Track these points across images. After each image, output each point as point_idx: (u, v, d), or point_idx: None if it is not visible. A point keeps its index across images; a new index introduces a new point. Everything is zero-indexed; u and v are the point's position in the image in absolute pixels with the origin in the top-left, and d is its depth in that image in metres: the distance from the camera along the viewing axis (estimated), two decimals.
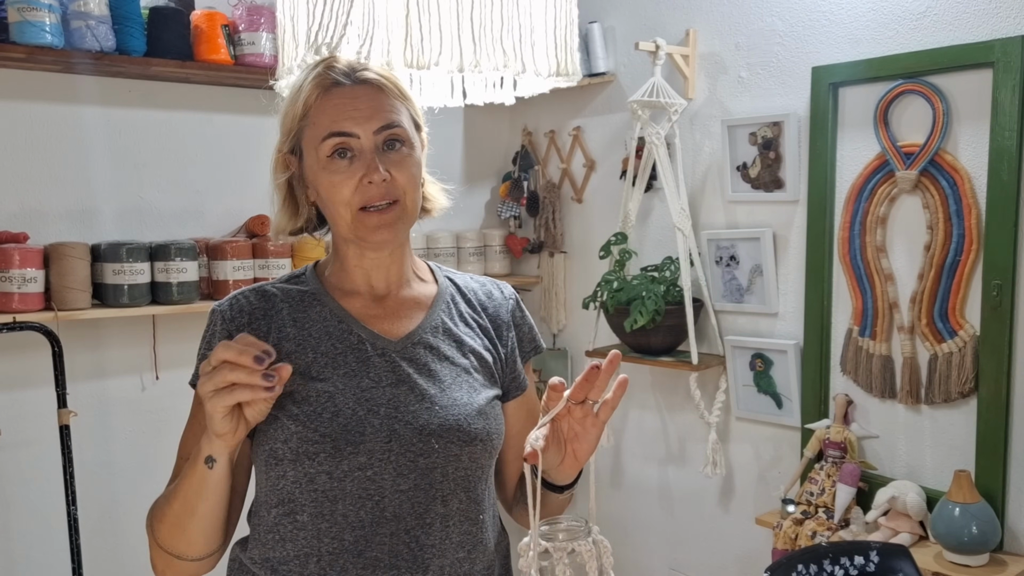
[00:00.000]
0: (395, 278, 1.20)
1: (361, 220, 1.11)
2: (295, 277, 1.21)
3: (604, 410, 1.03)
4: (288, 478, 1.08)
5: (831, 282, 2.28)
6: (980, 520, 1.89)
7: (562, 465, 1.05)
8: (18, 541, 2.28)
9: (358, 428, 1.08)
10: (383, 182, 1.09)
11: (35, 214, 2.27)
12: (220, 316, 1.15)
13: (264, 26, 2.37)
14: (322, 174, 1.11)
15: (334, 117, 1.10)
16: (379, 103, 1.11)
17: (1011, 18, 1.93)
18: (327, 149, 1.10)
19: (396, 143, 1.12)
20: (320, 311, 1.16)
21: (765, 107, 2.38)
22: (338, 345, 1.13)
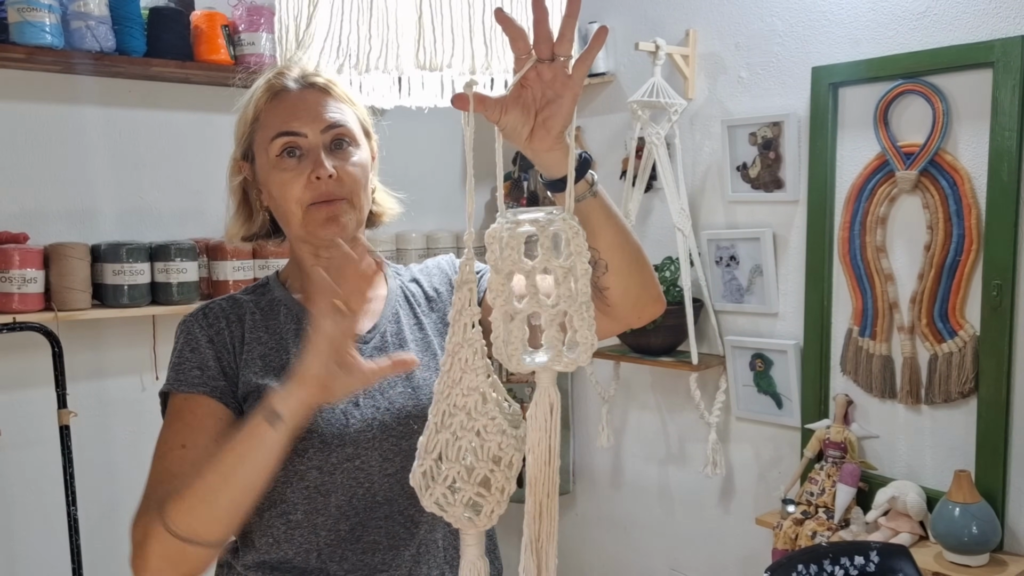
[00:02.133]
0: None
1: (310, 214, 1.13)
2: (260, 286, 1.25)
3: (578, 67, 0.91)
4: (278, 479, 1.09)
5: (831, 282, 2.28)
6: (980, 520, 1.89)
7: (532, 140, 0.95)
8: (18, 541, 2.28)
9: (342, 420, 1.12)
10: (330, 178, 1.12)
11: (35, 214, 2.27)
12: (195, 324, 1.17)
13: (264, 26, 2.37)
14: (272, 173, 1.14)
15: (283, 118, 1.14)
16: (326, 104, 1.15)
17: (1011, 18, 1.93)
18: (276, 148, 1.14)
19: (343, 142, 1.15)
20: (287, 315, 1.19)
21: (765, 107, 2.38)
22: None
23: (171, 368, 1.16)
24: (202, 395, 1.12)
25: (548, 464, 0.90)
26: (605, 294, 1.07)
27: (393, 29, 1.14)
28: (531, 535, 0.90)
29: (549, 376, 0.90)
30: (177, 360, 1.16)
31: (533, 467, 0.90)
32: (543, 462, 0.90)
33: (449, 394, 0.90)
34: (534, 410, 0.89)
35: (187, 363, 1.14)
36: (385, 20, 1.15)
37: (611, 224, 1.03)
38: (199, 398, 1.12)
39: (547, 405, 0.90)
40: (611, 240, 1.03)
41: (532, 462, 0.90)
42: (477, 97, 0.88)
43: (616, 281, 1.05)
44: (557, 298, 0.86)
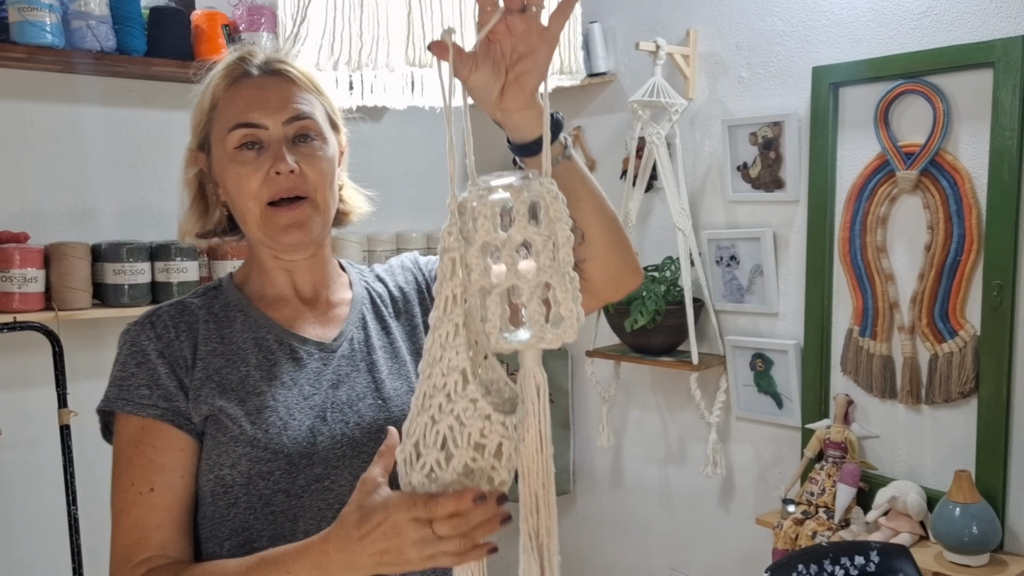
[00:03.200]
0: (320, 278, 1.14)
1: (269, 217, 1.04)
2: (212, 289, 1.13)
3: (554, 20, 0.84)
4: (240, 504, 1.01)
5: (831, 282, 2.28)
6: (980, 520, 1.89)
7: (504, 98, 0.87)
8: (18, 541, 2.28)
9: (309, 438, 1.02)
10: (291, 174, 1.03)
11: (35, 214, 2.27)
12: (142, 333, 1.05)
13: (265, 26, 2.37)
14: (229, 167, 1.05)
15: (242, 107, 1.04)
16: (290, 94, 1.06)
17: (1011, 18, 1.93)
18: (234, 140, 1.04)
19: (308, 136, 1.06)
20: (244, 322, 1.09)
21: (765, 107, 2.38)
22: (270, 356, 1.06)
23: (113, 383, 1.04)
24: (160, 422, 1.01)
25: (540, 452, 0.82)
26: (582, 267, 0.98)
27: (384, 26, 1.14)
28: (529, 531, 0.83)
29: (533, 355, 0.82)
30: (121, 374, 1.04)
31: (524, 456, 0.83)
32: (534, 450, 0.82)
33: (430, 374, 0.82)
34: (520, 394, 0.82)
35: (133, 379, 1.03)
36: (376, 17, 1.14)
37: (587, 190, 0.96)
38: (158, 427, 1.01)
39: (533, 387, 0.82)
40: (588, 206, 0.95)
41: (523, 451, 0.83)
42: (456, 49, 0.81)
43: (594, 252, 0.98)
44: (538, 270, 0.80)
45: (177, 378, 1.03)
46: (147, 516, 0.98)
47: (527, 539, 0.83)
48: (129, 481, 1.00)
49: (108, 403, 1.03)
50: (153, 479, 0.99)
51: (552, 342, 0.81)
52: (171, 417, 1.01)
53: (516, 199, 0.80)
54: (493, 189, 0.82)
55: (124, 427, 1.02)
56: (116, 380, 1.04)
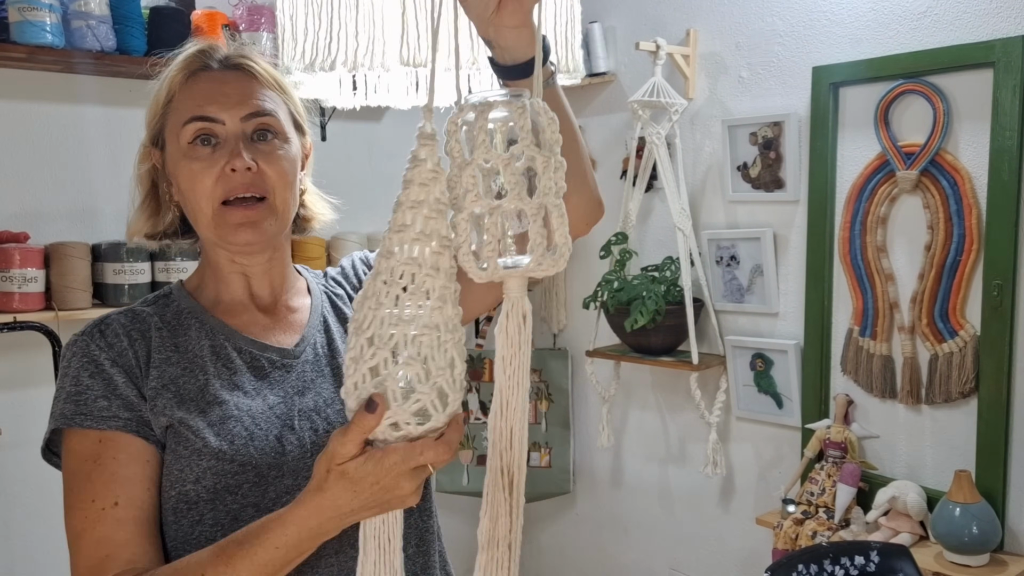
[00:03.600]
0: (279, 283, 1.09)
1: (222, 216, 0.99)
2: (163, 297, 1.07)
3: None
4: (206, 522, 0.95)
5: (831, 282, 2.28)
6: (980, 520, 1.89)
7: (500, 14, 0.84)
8: (18, 541, 2.28)
9: (277, 448, 0.97)
10: (247, 171, 0.97)
11: (35, 214, 2.27)
12: (92, 343, 0.99)
13: (265, 26, 2.37)
14: (182, 162, 0.99)
15: (198, 101, 0.99)
16: (250, 90, 1.01)
17: (1011, 18, 1.93)
18: (188, 135, 0.99)
19: (267, 134, 1.01)
20: (199, 330, 1.03)
21: (765, 107, 2.38)
22: (230, 365, 1.01)
23: (67, 399, 0.96)
24: (123, 432, 0.95)
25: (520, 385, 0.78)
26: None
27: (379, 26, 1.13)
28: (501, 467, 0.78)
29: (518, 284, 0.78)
30: (74, 388, 0.96)
31: (505, 388, 0.78)
32: (516, 382, 0.78)
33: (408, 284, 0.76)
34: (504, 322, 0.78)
35: (89, 391, 0.96)
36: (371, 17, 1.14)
37: (568, 120, 0.91)
38: (120, 437, 0.94)
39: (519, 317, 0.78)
40: (568, 131, 0.90)
41: (504, 382, 0.78)
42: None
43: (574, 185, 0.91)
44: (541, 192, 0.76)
45: (135, 386, 0.97)
46: (114, 532, 0.92)
47: (497, 476, 0.78)
48: (89, 498, 0.93)
49: (65, 420, 0.95)
50: (117, 492, 0.93)
51: (548, 268, 0.77)
52: (134, 427, 0.95)
53: (520, 117, 0.76)
54: (492, 106, 0.77)
55: (79, 443, 0.95)
56: (70, 396, 0.96)
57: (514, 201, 0.76)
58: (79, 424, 0.95)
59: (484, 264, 0.77)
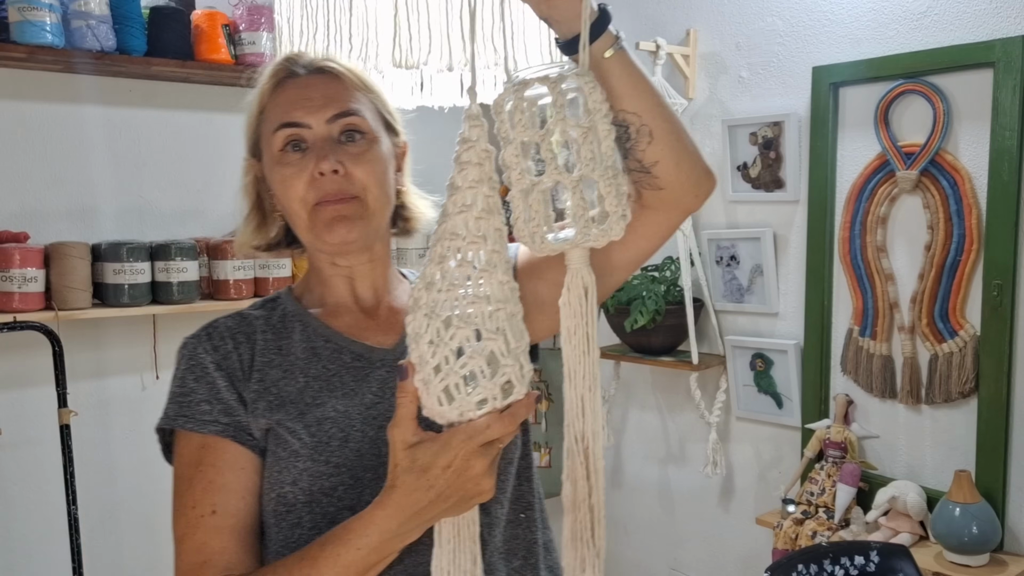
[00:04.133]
0: (381, 284, 1.08)
1: (316, 214, 0.99)
2: (271, 301, 1.10)
3: None
4: (304, 525, 0.96)
5: (831, 282, 2.28)
6: (980, 520, 1.89)
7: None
8: (18, 541, 2.28)
9: (372, 450, 0.96)
10: (334, 174, 0.97)
11: (35, 214, 2.27)
12: (199, 346, 1.02)
13: (265, 26, 2.37)
14: (275, 170, 1.01)
15: (285, 107, 1.01)
16: (334, 91, 1.01)
17: (1012, 18, 1.93)
18: (278, 142, 1.00)
19: (355, 134, 1.01)
20: (303, 332, 1.04)
21: (765, 107, 2.38)
22: (330, 366, 1.02)
23: (172, 399, 1.00)
24: (221, 438, 0.97)
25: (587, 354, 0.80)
26: (655, 170, 0.89)
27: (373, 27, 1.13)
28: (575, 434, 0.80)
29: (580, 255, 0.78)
30: (180, 390, 1.00)
31: (571, 358, 0.80)
32: (581, 352, 0.80)
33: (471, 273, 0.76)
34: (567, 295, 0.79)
35: (193, 394, 0.99)
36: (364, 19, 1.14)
37: (644, 83, 0.87)
38: (218, 442, 0.97)
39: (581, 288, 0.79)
40: (650, 99, 0.87)
41: (569, 352, 0.80)
42: None
43: (665, 150, 0.88)
44: (580, 164, 0.76)
45: (236, 391, 0.99)
46: (211, 539, 0.95)
47: (572, 443, 0.80)
48: (191, 504, 0.96)
49: (168, 420, 0.99)
50: (215, 501, 0.96)
51: (598, 239, 0.77)
52: (232, 433, 0.97)
53: (553, 91, 0.76)
54: (527, 84, 0.78)
55: (184, 446, 0.99)
56: (175, 396, 1.00)
57: (552, 176, 0.76)
58: (180, 425, 0.98)
59: (533, 240, 0.77)
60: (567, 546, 0.84)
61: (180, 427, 0.98)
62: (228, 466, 0.97)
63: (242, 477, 0.97)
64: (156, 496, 2.50)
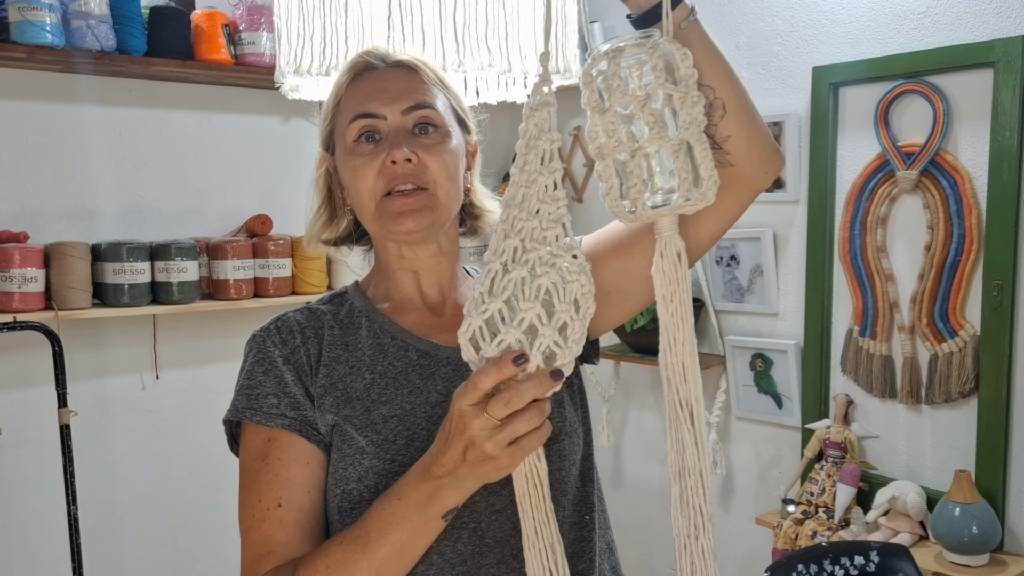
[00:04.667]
0: (447, 280, 1.08)
1: (384, 206, 0.99)
2: (337, 296, 1.09)
3: None
4: None
5: (831, 282, 2.28)
6: (980, 520, 1.89)
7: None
8: (18, 541, 2.28)
9: None
10: (407, 163, 0.97)
11: (35, 214, 2.27)
12: (268, 339, 1.02)
13: (265, 26, 2.37)
14: (347, 160, 1.01)
15: (361, 99, 1.01)
16: (410, 84, 1.02)
17: (1011, 18, 1.93)
18: (353, 133, 1.00)
19: (429, 127, 1.01)
20: (370, 328, 1.03)
21: (765, 107, 2.37)
22: (396, 364, 1.01)
23: (240, 391, 1.00)
24: (287, 432, 0.97)
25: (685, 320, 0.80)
26: (727, 146, 0.89)
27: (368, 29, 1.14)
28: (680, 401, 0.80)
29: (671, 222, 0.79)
30: (248, 383, 1.00)
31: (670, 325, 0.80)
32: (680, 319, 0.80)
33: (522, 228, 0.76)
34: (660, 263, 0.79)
35: (261, 387, 0.99)
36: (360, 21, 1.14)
37: (718, 56, 0.89)
38: (284, 436, 0.97)
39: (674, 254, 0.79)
40: (723, 72, 0.88)
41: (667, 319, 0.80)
42: None
43: (737, 125, 0.88)
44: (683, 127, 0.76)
45: (303, 385, 0.99)
46: (276, 533, 0.95)
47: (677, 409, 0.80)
48: (256, 496, 0.96)
49: (236, 412, 0.99)
50: (280, 494, 0.95)
51: (696, 203, 0.77)
52: (299, 427, 0.97)
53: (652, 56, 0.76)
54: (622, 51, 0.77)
55: (252, 439, 0.98)
56: (243, 388, 1.00)
57: (655, 141, 0.75)
58: (248, 418, 0.98)
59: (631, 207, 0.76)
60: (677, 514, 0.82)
61: (248, 419, 0.98)
62: (294, 460, 0.97)
63: (307, 471, 0.97)
64: (156, 496, 2.51)
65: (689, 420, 0.79)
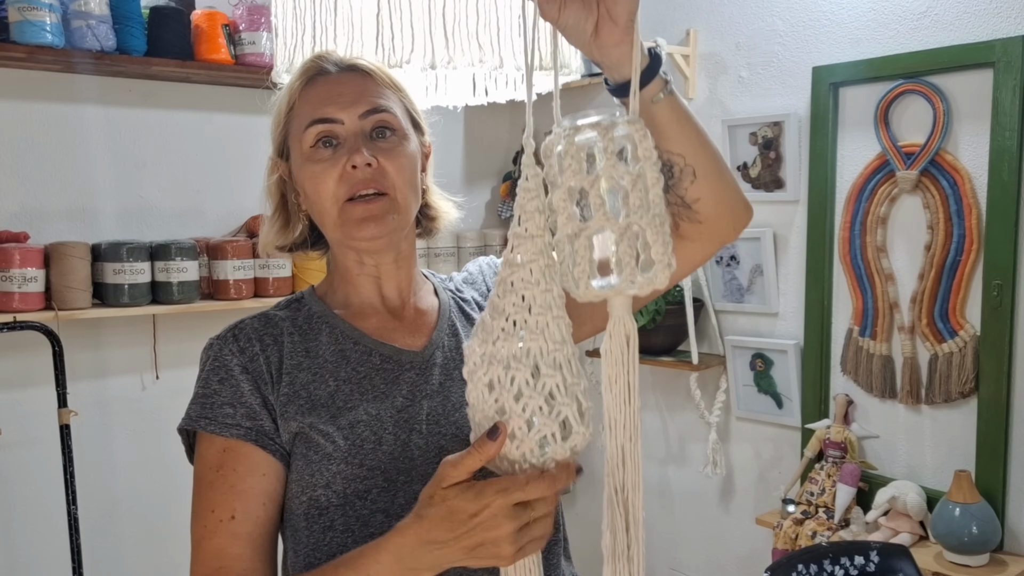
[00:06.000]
0: (407, 285, 1.08)
1: (346, 212, 0.98)
2: (295, 301, 1.08)
3: None
4: (337, 528, 0.96)
5: (831, 282, 2.28)
6: (980, 520, 1.89)
7: (598, 35, 0.82)
8: (18, 540, 2.28)
9: (405, 453, 0.97)
10: (368, 167, 0.97)
11: (35, 214, 2.27)
12: (224, 347, 1.00)
13: (264, 26, 2.37)
14: (305, 167, 1.00)
15: (316, 104, 1.00)
16: (366, 88, 1.02)
17: (1011, 18, 1.93)
18: (310, 138, 0.99)
19: (386, 131, 1.01)
20: (331, 334, 1.03)
21: (765, 107, 2.38)
22: (360, 369, 1.01)
23: (196, 400, 0.99)
24: (243, 442, 0.96)
25: (628, 403, 0.80)
26: (696, 207, 0.92)
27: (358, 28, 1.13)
28: (614, 485, 0.79)
29: (623, 303, 0.78)
30: (203, 391, 0.99)
31: (612, 407, 0.80)
32: (622, 401, 0.79)
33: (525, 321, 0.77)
34: (608, 343, 0.79)
35: (216, 396, 0.98)
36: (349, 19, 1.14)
37: (691, 124, 0.90)
38: (240, 447, 0.96)
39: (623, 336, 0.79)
40: (695, 140, 0.89)
41: (610, 401, 0.79)
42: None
43: (707, 189, 0.91)
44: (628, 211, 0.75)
45: (261, 395, 0.98)
46: (229, 545, 0.94)
47: (612, 492, 0.79)
48: (209, 507, 0.95)
49: (191, 422, 0.98)
50: (234, 506, 0.94)
51: (642, 287, 0.77)
52: (255, 437, 0.96)
53: (604, 138, 0.76)
54: (579, 130, 0.78)
55: (207, 448, 0.97)
56: (198, 397, 0.99)
57: (599, 221, 0.76)
58: (203, 427, 0.97)
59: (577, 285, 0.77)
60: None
61: (202, 429, 0.97)
62: (250, 471, 0.96)
63: (263, 483, 0.96)
64: (156, 496, 2.51)
65: (623, 505, 0.79)
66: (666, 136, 0.87)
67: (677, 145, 0.88)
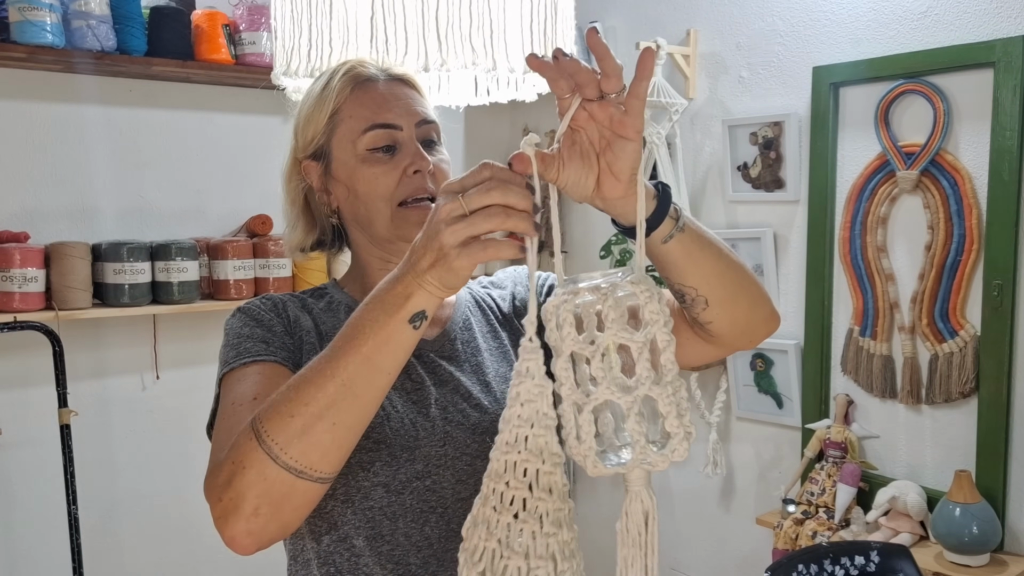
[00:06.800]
0: None
1: (403, 216, 1.02)
2: (318, 291, 1.12)
3: (631, 102, 0.77)
4: (338, 496, 0.97)
5: (832, 282, 2.28)
6: (981, 520, 1.89)
7: (601, 189, 0.82)
8: (19, 540, 2.28)
9: (411, 432, 0.99)
10: (430, 173, 1.02)
11: (36, 214, 2.27)
12: (259, 304, 1.03)
13: (265, 26, 2.37)
14: (360, 168, 1.02)
15: (375, 109, 1.03)
16: (415, 98, 1.06)
17: (1012, 18, 1.93)
18: (367, 142, 1.02)
19: (433, 141, 1.06)
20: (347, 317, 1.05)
21: (766, 107, 2.38)
22: None
23: (227, 349, 0.98)
24: (278, 365, 0.96)
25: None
26: (709, 328, 0.94)
27: (352, 30, 1.14)
28: None
29: (640, 476, 0.73)
30: (236, 340, 0.99)
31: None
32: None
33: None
34: (624, 521, 0.74)
35: (248, 339, 0.98)
36: (344, 22, 1.14)
37: (706, 255, 0.90)
38: (268, 363, 0.96)
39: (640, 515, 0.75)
40: (709, 272, 0.90)
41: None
42: (538, 156, 0.77)
43: (720, 313, 0.92)
44: (636, 381, 0.70)
45: (293, 339, 1.00)
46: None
47: None
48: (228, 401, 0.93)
49: (227, 366, 0.96)
50: (257, 390, 0.91)
51: (658, 464, 0.72)
52: (284, 360, 0.96)
53: (604, 303, 0.71)
54: (578, 292, 0.74)
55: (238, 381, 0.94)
56: (231, 347, 0.98)
57: (604, 394, 0.71)
58: (236, 363, 0.95)
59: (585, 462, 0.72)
60: None
61: (236, 364, 0.95)
62: (278, 374, 0.93)
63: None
64: (156, 496, 2.51)
65: None
66: (678, 271, 0.88)
67: (690, 279, 0.89)
